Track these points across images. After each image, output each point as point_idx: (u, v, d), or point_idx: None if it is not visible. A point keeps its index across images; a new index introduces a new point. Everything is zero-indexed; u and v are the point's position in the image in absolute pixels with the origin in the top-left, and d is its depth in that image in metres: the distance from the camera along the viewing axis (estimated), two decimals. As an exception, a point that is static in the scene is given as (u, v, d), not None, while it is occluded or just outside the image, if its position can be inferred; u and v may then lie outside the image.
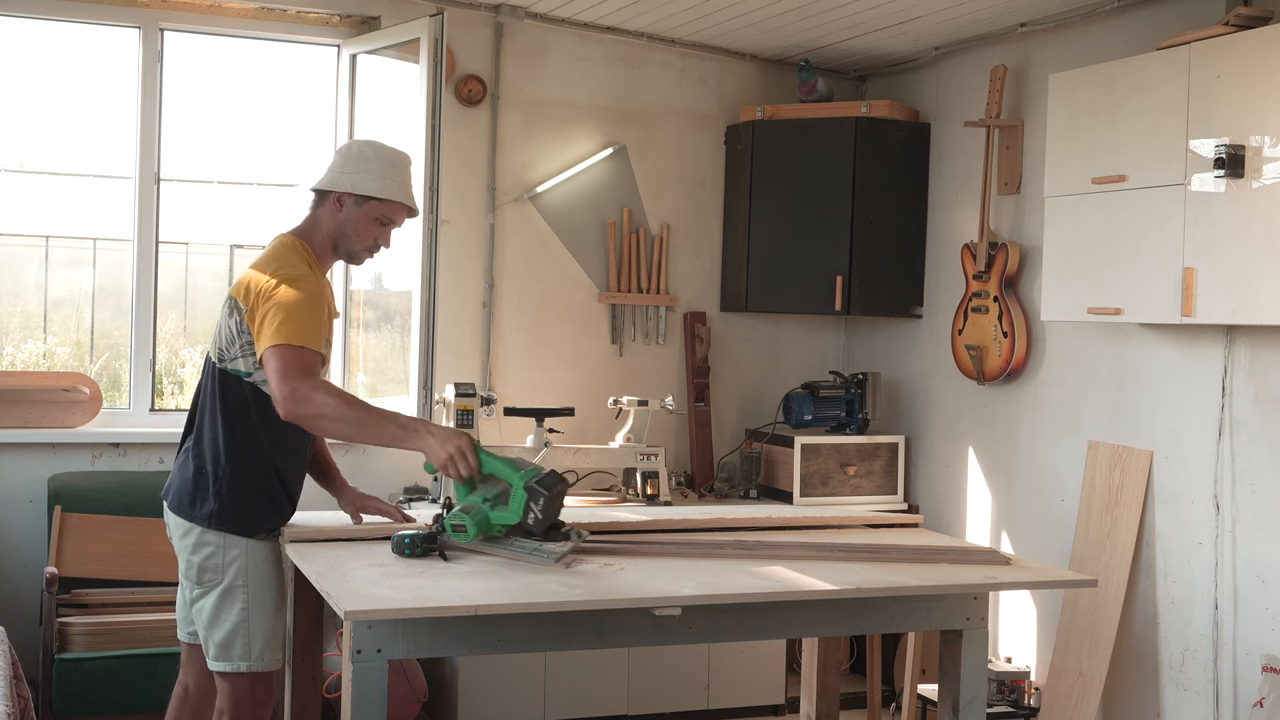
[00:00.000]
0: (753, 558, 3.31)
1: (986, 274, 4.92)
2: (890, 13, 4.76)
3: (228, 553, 3.23)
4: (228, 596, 3.23)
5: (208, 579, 3.24)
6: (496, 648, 2.96)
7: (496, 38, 5.27)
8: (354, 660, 2.79)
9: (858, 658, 5.53)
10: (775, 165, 5.40)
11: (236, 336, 3.21)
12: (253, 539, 3.24)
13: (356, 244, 3.34)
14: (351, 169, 3.30)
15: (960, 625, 3.31)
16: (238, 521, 3.22)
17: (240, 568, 3.23)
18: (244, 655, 3.23)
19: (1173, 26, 4.24)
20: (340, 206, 3.29)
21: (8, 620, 4.36)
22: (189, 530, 3.25)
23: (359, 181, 3.27)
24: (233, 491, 3.21)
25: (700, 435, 5.57)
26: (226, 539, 3.23)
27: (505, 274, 5.35)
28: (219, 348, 3.25)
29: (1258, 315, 3.68)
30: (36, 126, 5.49)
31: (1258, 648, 4.00)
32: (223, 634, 3.23)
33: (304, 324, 3.13)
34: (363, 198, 3.28)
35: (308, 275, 3.23)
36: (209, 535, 3.23)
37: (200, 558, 3.24)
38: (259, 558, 3.26)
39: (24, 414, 4.78)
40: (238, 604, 3.23)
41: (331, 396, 3.07)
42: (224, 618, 3.23)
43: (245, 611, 3.23)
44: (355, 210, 3.29)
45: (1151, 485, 4.37)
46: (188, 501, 3.25)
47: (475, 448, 3.16)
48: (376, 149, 3.34)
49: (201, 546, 3.24)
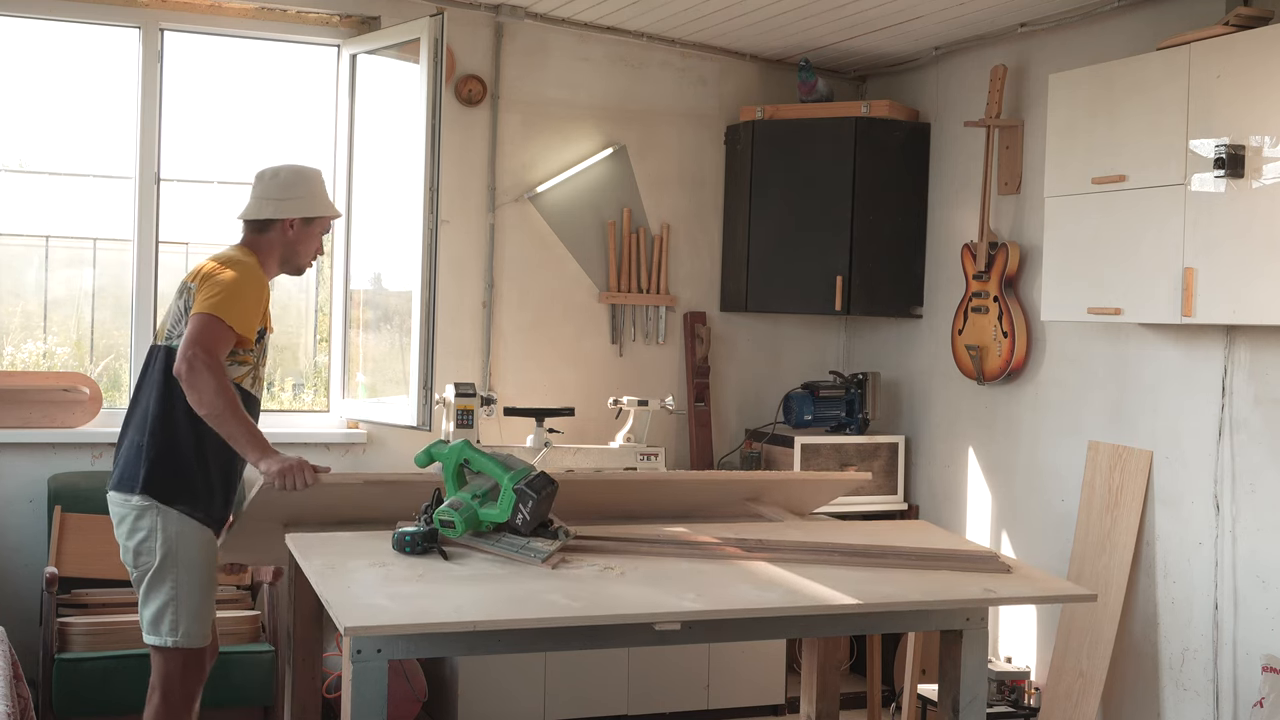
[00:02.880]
0: (751, 558, 3.30)
1: (986, 274, 4.92)
2: (890, 13, 4.76)
3: (159, 532, 3.46)
4: (158, 574, 3.48)
5: (142, 561, 3.48)
6: (496, 649, 2.96)
7: (496, 38, 5.27)
8: (354, 660, 2.79)
9: (858, 658, 5.53)
10: (775, 165, 5.40)
11: (183, 315, 3.48)
12: (182, 515, 3.47)
13: (305, 257, 3.73)
14: (289, 195, 3.65)
15: (960, 625, 3.31)
16: (165, 487, 3.45)
17: (171, 547, 3.46)
18: (172, 630, 3.47)
19: (1173, 26, 4.24)
20: (291, 228, 3.66)
21: (8, 620, 4.36)
22: (124, 516, 3.49)
23: (303, 206, 3.66)
24: (161, 459, 3.46)
25: (700, 435, 5.57)
26: (158, 511, 3.45)
27: (505, 274, 5.35)
28: (166, 328, 3.54)
29: (1258, 315, 3.67)
30: (36, 126, 5.49)
31: (1258, 648, 3.99)
32: (153, 610, 3.48)
33: (236, 304, 3.43)
34: (308, 218, 3.67)
35: (255, 267, 3.57)
36: (144, 512, 3.45)
37: (135, 541, 3.48)
38: (189, 539, 3.48)
39: (24, 414, 4.78)
40: (167, 581, 3.46)
41: (216, 380, 3.34)
42: (155, 594, 3.47)
43: (174, 589, 3.47)
44: (304, 229, 3.68)
45: (1151, 485, 4.37)
46: (126, 476, 3.49)
47: (430, 451, 3.33)
48: (299, 173, 3.71)
49: (135, 532, 3.47)
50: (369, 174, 5.18)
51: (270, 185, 3.67)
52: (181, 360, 3.34)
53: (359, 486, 3.54)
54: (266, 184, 3.68)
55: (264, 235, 3.66)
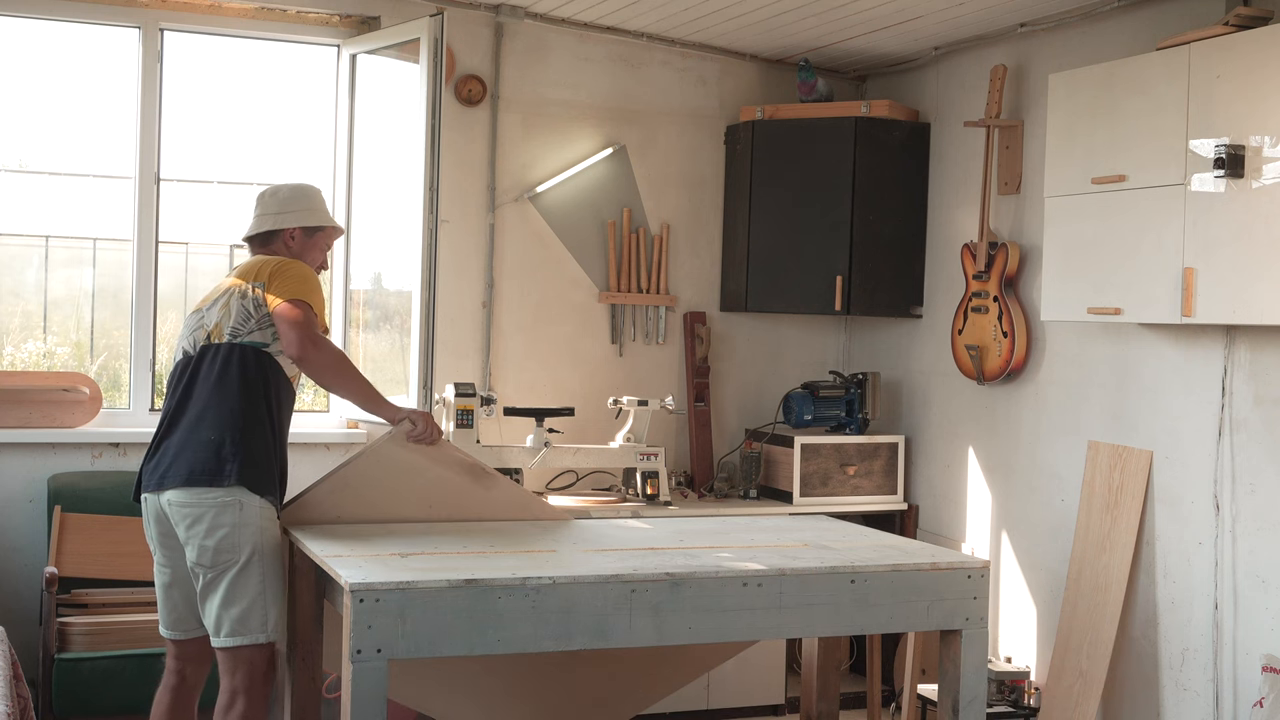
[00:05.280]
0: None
1: (986, 274, 4.92)
2: (890, 13, 4.76)
3: (245, 527, 3.40)
4: (245, 571, 3.41)
5: (224, 559, 3.40)
6: (496, 647, 2.97)
7: (496, 38, 5.27)
8: (354, 660, 2.79)
9: (858, 658, 5.53)
10: (775, 165, 5.40)
11: (253, 313, 3.54)
12: (265, 505, 3.46)
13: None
14: (289, 208, 3.73)
15: (960, 625, 3.32)
16: (258, 481, 3.45)
17: (258, 541, 3.42)
18: (262, 627, 3.42)
19: (1173, 26, 4.24)
20: (294, 239, 3.73)
21: (8, 620, 4.36)
22: (201, 514, 3.40)
23: (303, 217, 3.74)
24: (252, 451, 3.46)
25: (700, 435, 5.57)
26: (244, 503, 3.41)
27: (505, 274, 5.35)
28: (230, 326, 3.54)
29: (1258, 315, 3.68)
30: (36, 126, 5.49)
31: (1257, 648, 4.00)
32: (240, 609, 3.40)
33: (315, 293, 3.59)
34: (310, 229, 3.75)
35: (305, 265, 3.68)
36: (225, 507, 3.39)
37: (216, 539, 3.40)
38: (271, 528, 3.47)
39: (24, 414, 4.78)
40: (254, 576, 3.41)
41: (334, 350, 3.59)
42: (242, 592, 3.40)
43: (262, 583, 3.42)
44: (306, 240, 3.76)
45: (1151, 485, 4.37)
46: (202, 471, 3.42)
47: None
48: (297, 189, 3.79)
49: (217, 529, 3.40)
50: (369, 174, 5.18)
51: (270, 202, 3.76)
52: (301, 345, 3.46)
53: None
54: (266, 202, 3.76)
55: (269, 248, 3.73)
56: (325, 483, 3.69)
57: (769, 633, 3.26)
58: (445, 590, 2.91)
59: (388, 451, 3.69)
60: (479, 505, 3.79)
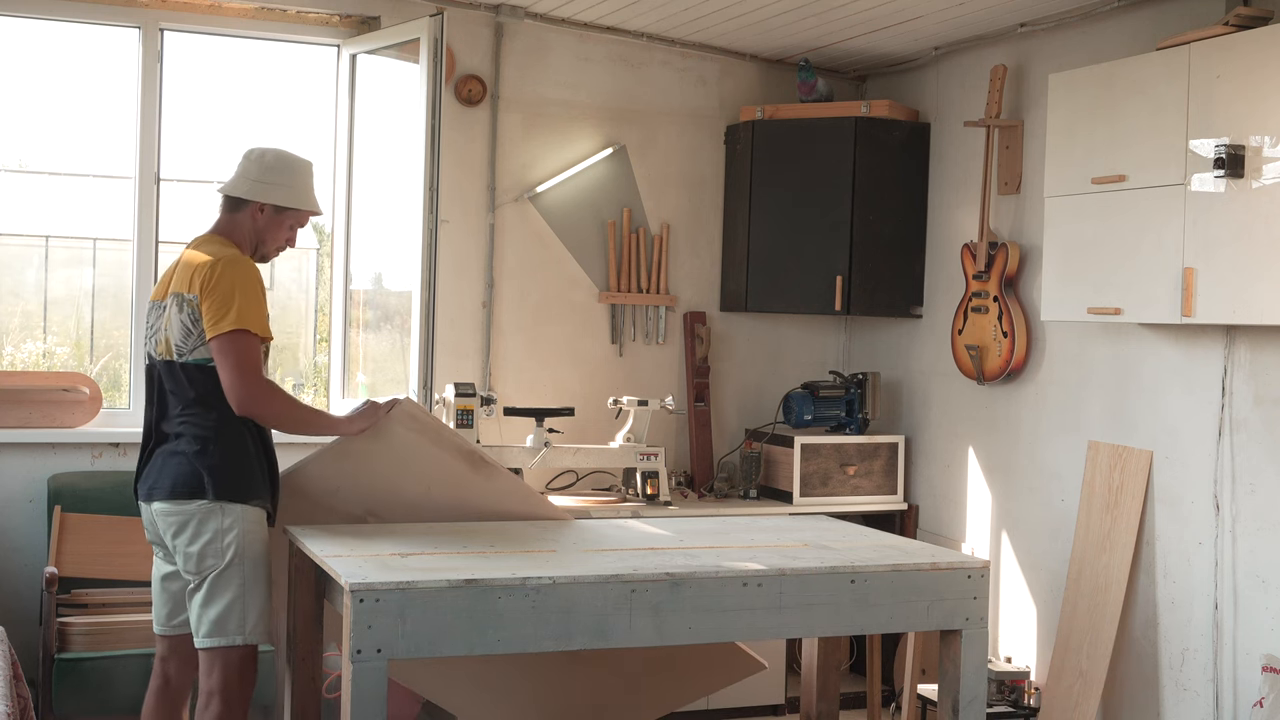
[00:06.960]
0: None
1: (986, 274, 4.93)
2: (890, 13, 4.76)
3: (225, 535, 3.39)
4: (225, 574, 3.40)
5: (208, 565, 3.40)
6: (496, 647, 2.97)
7: (496, 38, 5.27)
8: (354, 660, 2.79)
9: (858, 658, 5.53)
10: (775, 165, 5.40)
11: (192, 328, 3.44)
12: (249, 510, 3.43)
13: (271, 247, 3.67)
14: (269, 179, 3.59)
15: (960, 625, 3.32)
16: (235, 489, 3.41)
17: (240, 545, 3.40)
18: (239, 629, 3.41)
19: (1173, 26, 4.24)
20: (261, 213, 3.60)
21: (8, 620, 4.35)
22: (183, 524, 3.42)
23: (276, 194, 3.60)
24: (224, 462, 3.42)
25: (700, 435, 5.57)
26: (225, 511, 3.40)
27: (505, 274, 5.35)
28: (175, 344, 3.46)
29: (1258, 315, 3.68)
30: (36, 126, 5.49)
31: (1257, 648, 4.00)
32: (218, 610, 3.40)
33: (251, 309, 3.42)
34: (279, 207, 3.61)
35: (244, 261, 3.51)
36: (208, 514, 3.39)
37: (199, 546, 3.40)
38: (254, 534, 3.44)
39: (24, 414, 4.78)
40: (234, 579, 3.40)
41: (279, 399, 3.48)
42: (220, 594, 3.40)
43: (242, 586, 3.41)
44: (273, 217, 3.62)
45: (1151, 485, 4.37)
46: (179, 485, 3.42)
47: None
48: (285, 159, 3.64)
49: (199, 536, 3.40)
50: (369, 174, 5.18)
51: (253, 165, 3.61)
52: (241, 397, 3.38)
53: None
54: (251, 163, 3.62)
55: (235, 216, 3.61)
56: (329, 450, 3.71)
57: (769, 633, 3.26)
58: (445, 590, 2.91)
59: (388, 427, 3.70)
60: (479, 495, 3.77)
